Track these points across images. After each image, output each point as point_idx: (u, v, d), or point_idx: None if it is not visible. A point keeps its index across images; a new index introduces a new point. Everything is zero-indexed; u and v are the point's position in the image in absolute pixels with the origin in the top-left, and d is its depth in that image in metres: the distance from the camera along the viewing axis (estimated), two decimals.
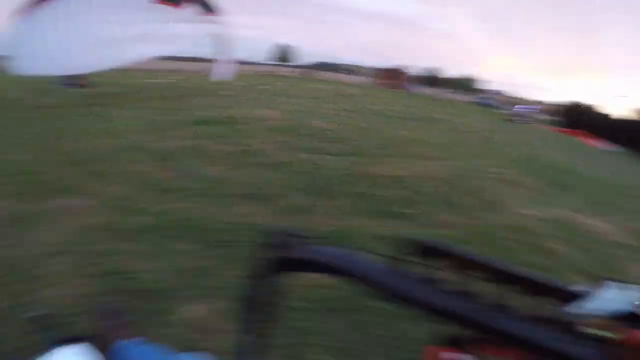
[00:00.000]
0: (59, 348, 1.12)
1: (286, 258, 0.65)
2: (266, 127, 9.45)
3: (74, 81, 19.15)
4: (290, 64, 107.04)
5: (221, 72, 17.42)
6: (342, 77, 67.08)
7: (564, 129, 38.94)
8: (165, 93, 17.51)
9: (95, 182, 5.53)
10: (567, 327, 0.43)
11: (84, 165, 6.28)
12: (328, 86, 32.65)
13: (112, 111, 11.69)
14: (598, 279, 0.45)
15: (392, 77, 49.10)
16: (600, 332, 0.41)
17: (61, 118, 10.76)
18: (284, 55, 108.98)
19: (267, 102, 15.19)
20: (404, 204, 5.01)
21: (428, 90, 47.37)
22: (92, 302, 2.92)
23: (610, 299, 0.43)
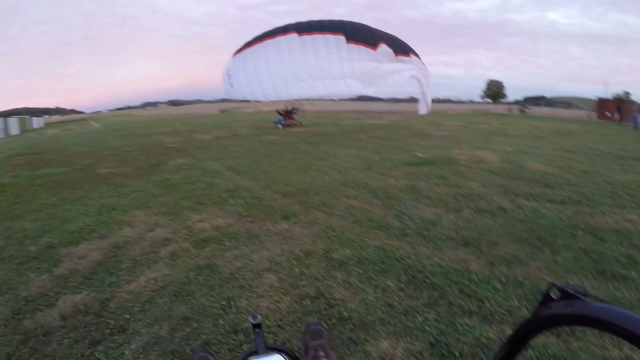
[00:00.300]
0: (265, 354, 1.15)
1: (564, 314, 0.63)
2: (483, 169, 9.09)
3: (288, 122, 21.85)
4: (502, 100, 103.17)
5: (422, 110, 17.54)
6: (559, 111, 61.98)
7: None
8: (380, 133, 18.28)
9: (314, 213, 6.01)
10: None
11: (304, 196, 6.95)
12: (544, 123, 30.14)
13: (332, 149, 12.66)
14: None
15: (616, 108, 42.42)
16: None
17: (285, 152, 12.05)
18: (495, 92, 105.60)
19: (482, 143, 14.69)
20: (629, 264, 4.16)
21: None
22: (298, 318, 3.17)
23: None
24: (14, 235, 5.54)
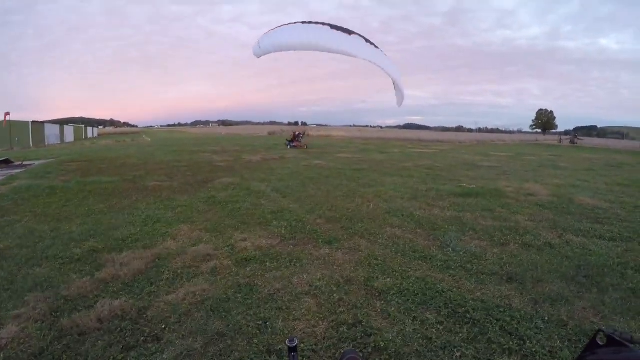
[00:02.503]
0: None
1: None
2: (531, 202, 8.83)
3: (295, 144, 26.26)
4: (552, 130, 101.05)
5: (398, 101, 17.75)
6: (611, 142, 60.04)
7: None
8: (427, 162, 18.16)
9: (357, 240, 5.97)
10: None
11: (348, 222, 6.93)
12: (595, 155, 29.24)
13: (378, 177, 12.72)
14: None
15: None
16: None
17: (331, 178, 12.07)
18: (545, 122, 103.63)
19: (531, 175, 14.37)
20: None
21: None
22: (333, 344, 3.13)
23: None
24: (61, 237, 5.84)
